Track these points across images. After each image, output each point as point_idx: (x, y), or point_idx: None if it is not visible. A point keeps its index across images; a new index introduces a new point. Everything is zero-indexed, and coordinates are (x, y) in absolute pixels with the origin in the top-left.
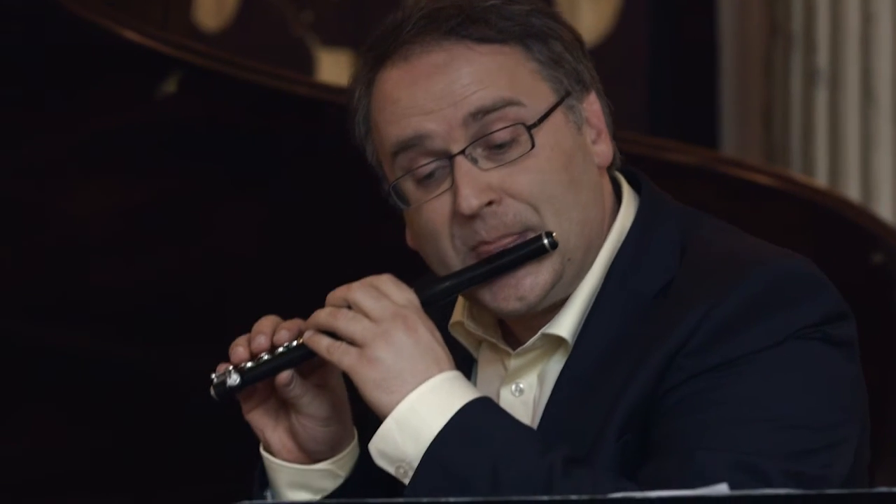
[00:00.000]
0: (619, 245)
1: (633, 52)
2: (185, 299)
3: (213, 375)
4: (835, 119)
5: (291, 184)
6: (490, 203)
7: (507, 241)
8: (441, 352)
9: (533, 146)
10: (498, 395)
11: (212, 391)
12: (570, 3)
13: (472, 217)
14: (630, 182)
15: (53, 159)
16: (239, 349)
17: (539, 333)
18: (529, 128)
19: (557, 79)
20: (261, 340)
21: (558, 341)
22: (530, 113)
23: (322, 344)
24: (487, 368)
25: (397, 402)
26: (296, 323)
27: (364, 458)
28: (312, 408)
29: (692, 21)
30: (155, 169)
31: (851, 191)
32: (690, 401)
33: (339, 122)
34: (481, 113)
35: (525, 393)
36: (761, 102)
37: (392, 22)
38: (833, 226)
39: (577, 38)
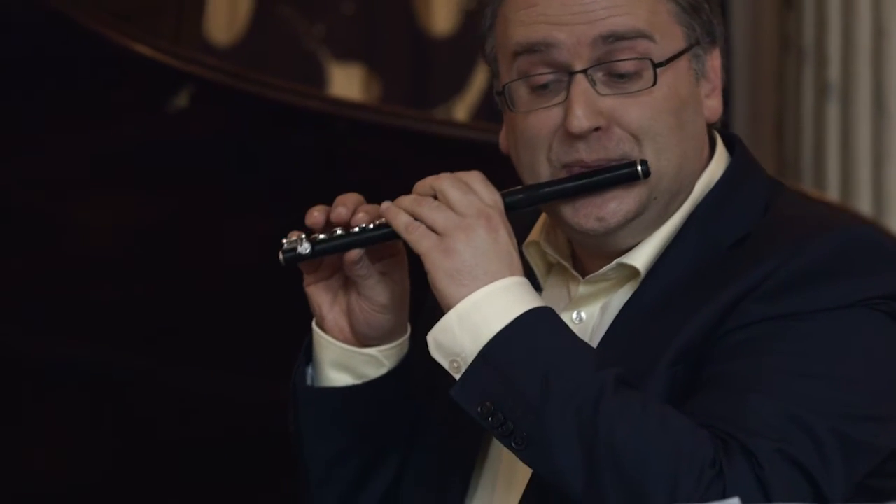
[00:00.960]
0: (704, 194)
1: None
2: (195, 314)
3: (284, 240)
4: (846, 133)
5: (303, 198)
6: (597, 129)
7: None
8: (516, 258)
9: (654, 83)
10: None
11: (280, 256)
12: None
13: (577, 137)
14: (725, 143)
15: (64, 172)
16: (315, 214)
17: (615, 263)
18: (656, 65)
19: (692, 26)
20: (341, 211)
21: (629, 274)
22: (659, 51)
23: (401, 220)
24: (552, 293)
25: (464, 296)
26: (376, 207)
27: (410, 357)
28: (374, 292)
29: None
30: (166, 182)
31: (863, 205)
32: (751, 344)
33: (351, 136)
34: (613, 38)
35: (585, 321)
36: (773, 117)
37: None
38: None
39: None
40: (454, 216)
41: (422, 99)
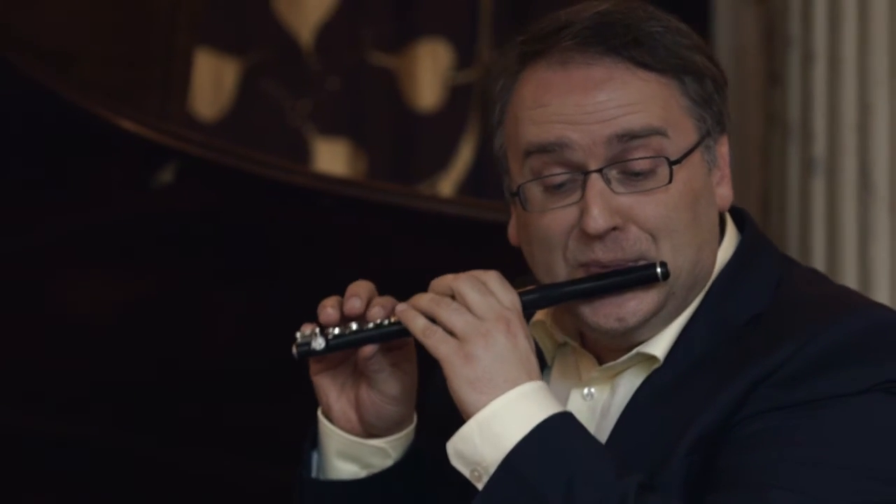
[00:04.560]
0: (716, 276)
1: None
2: (182, 390)
3: (297, 334)
4: (832, 209)
5: (288, 274)
6: (614, 228)
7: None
8: (534, 361)
9: (670, 181)
10: (568, 395)
11: (294, 350)
12: None
13: (594, 237)
14: (735, 219)
15: (50, 248)
16: (328, 310)
17: (634, 352)
18: (672, 163)
19: (703, 118)
20: (355, 303)
21: (647, 358)
22: (673, 147)
23: (418, 324)
24: (561, 370)
25: (484, 404)
26: (391, 300)
27: (417, 445)
28: (386, 385)
29: None
30: (152, 259)
31: (849, 281)
32: (767, 435)
33: (336, 211)
34: (628, 136)
35: (595, 398)
36: (758, 192)
37: (554, 23)
38: None
39: (725, 80)
40: (473, 320)
41: (407, 174)
